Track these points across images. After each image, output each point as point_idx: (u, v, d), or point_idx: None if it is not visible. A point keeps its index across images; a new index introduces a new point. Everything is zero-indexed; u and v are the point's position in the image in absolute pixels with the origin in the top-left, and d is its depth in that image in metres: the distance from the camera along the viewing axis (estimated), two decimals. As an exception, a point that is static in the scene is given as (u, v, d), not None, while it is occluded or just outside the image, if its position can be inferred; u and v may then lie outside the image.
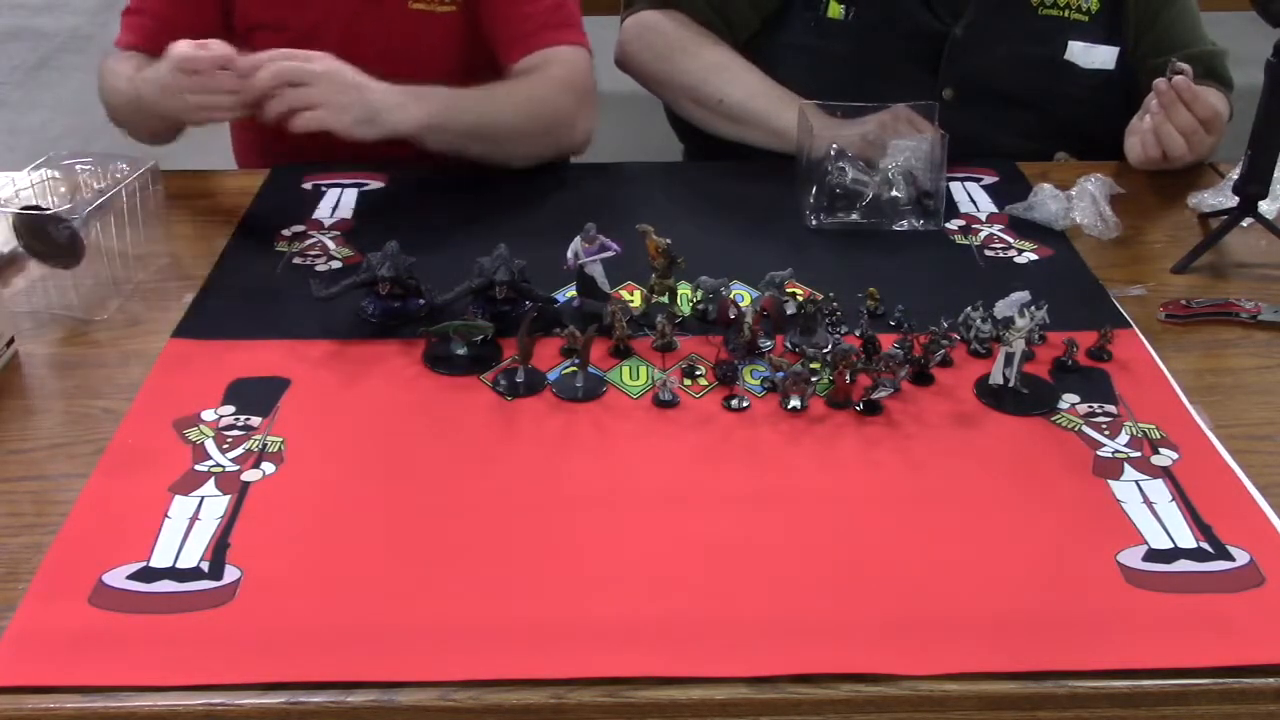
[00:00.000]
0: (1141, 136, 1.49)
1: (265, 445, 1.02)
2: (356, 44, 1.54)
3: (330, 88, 1.33)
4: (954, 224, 1.43)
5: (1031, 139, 1.65)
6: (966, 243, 1.39)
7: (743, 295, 1.24)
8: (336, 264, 1.33)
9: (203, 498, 0.96)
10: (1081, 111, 1.65)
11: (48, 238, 1.20)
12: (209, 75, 1.31)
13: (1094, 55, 1.62)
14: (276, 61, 1.32)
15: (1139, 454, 1.02)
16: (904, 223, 1.42)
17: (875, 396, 1.07)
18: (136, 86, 1.42)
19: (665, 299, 1.21)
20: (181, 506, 0.95)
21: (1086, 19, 1.61)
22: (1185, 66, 1.42)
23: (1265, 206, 1.36)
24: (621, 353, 1.15)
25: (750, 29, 1.67)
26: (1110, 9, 1.61)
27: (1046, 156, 1.65)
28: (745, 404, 1.08)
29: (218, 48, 1.32)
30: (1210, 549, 0.91)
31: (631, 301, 1.23)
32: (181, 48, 1.32)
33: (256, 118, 1.35)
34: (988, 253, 1.37)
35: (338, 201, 1.49)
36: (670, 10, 1.68)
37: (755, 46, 1.67)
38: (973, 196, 1.52)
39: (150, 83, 1.38)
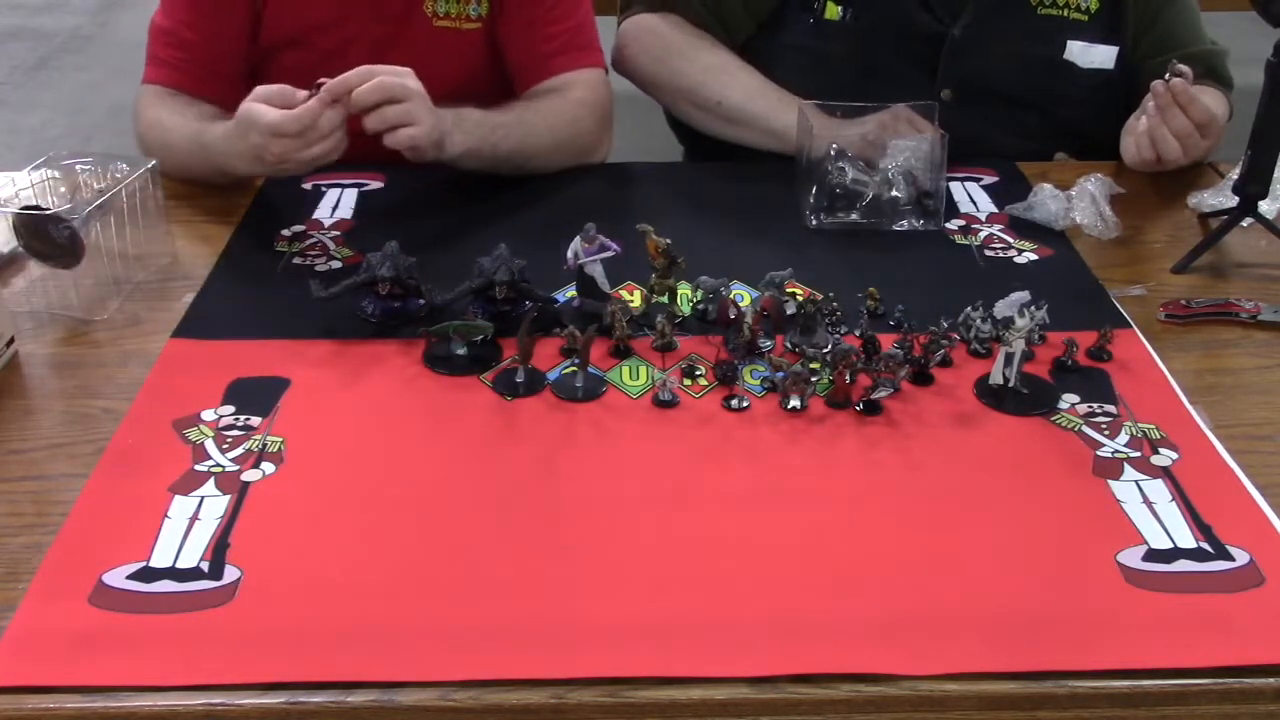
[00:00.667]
0: (1136, 138, 1.49)
1: (265, 445, 1.02)
2: (382, 61, 1.54)
3: (423, 105, 1.32)
4: (954, 224, 1.44)
5: (1031, 139, 1.65)
6: (966, 243, 1.39)
7: (743, 295, 1.24)
8: (336, 264, 1.33)
9: (203, 498, 0.96)
10: (1081, 112, 1.65)
11: (48, 238, 1.20)
12: (311, 126, 1.27)
13: (1093, 55, 1.62)
14: (377, 76, 1.29)
15: (1139, 454, 1.02)
16: (904, 223, 1.42)
17: (875, 396, 1.07)
18: (208, 149, 1.39)
19: (665, 299, 1.21)
20: (181, 506, 0.95)
21: (1086, 18, 1.61)
22: (1185, 69, 1.42)
23: (1265, 206, 1.37)
24: (621, 353, 1.15)
25: (746, 31, 1.67)
26: (1110, 9, 1.61)
27: (1046, 156, 1.65)
28: (745, 404, 1.08)
29: (298, 97, 1.28)
30: (1210, 549, 0.91)
31: (631, 301, 1.23)
32: (268, 116, 1.27)
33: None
34: (988, 253, 1.37)
35: (338, 201, 1.49)
36: (666, 13, 1.68)
37: (753, 48, 1.67)
38: (973, 196, 1.52)
39: (232, 151, 1.34)
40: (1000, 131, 1.64)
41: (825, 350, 1.13)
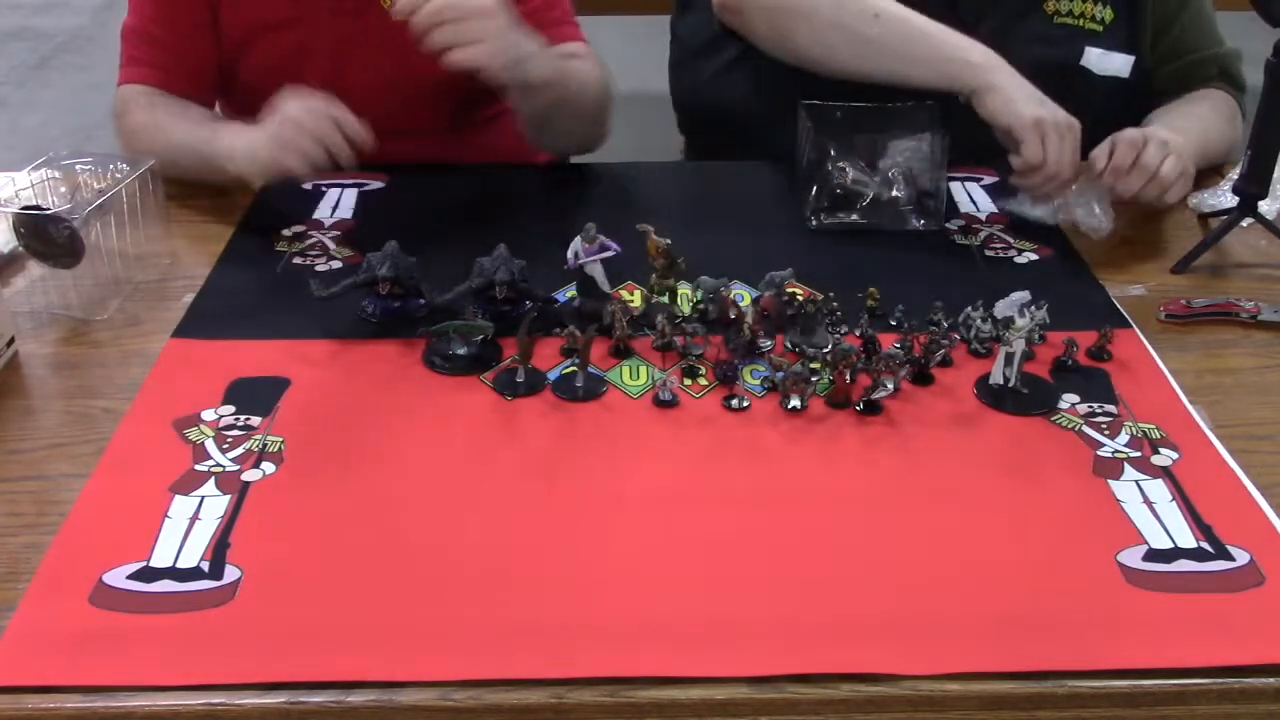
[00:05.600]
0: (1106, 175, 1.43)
1: (265, 445, 1.02)
2: (345, 60, 1.54)
3: (490, 24, 1.29)
4: (954, 224, 1.44)
5: None
6: (966, 243, 1.39)
7: (743, 295, 1.24)
8: (336, 264, 1.33)
9: (203, 497, 0.96)
10: (1096, 119, 1.65)
11: (48, 238, 1.20)
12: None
13: (1109, 63, 1.61)
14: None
15: (1139, 454, 1.02)
16: (904, 223, 1.42)
17: (875, 396, 1.07)
18: (204, 153, 1.40)
19: (665, 299, 1.21)
20: (181, 506, 0.95)
21: (1100, 29, 1.61)
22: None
23: (1265, 206, 1.36)
24: (621, 353, 1.15)
25: None
26: (1126, 20, 1.61)
27: None
28: (745, 404, 1.08)
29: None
30: (1210, 549, 0.92)
31: (631, 301, 1.23)
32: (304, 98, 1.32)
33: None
34: (988, 253, 1.37)
35: (338, 201, 1.49)
36: None
37: None
38: (973, 196, 1.52)
39: (243, 141, 1.35)
40: None
41: (825, 350, 1.13)
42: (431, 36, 1.29)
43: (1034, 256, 1.36)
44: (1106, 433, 1.05)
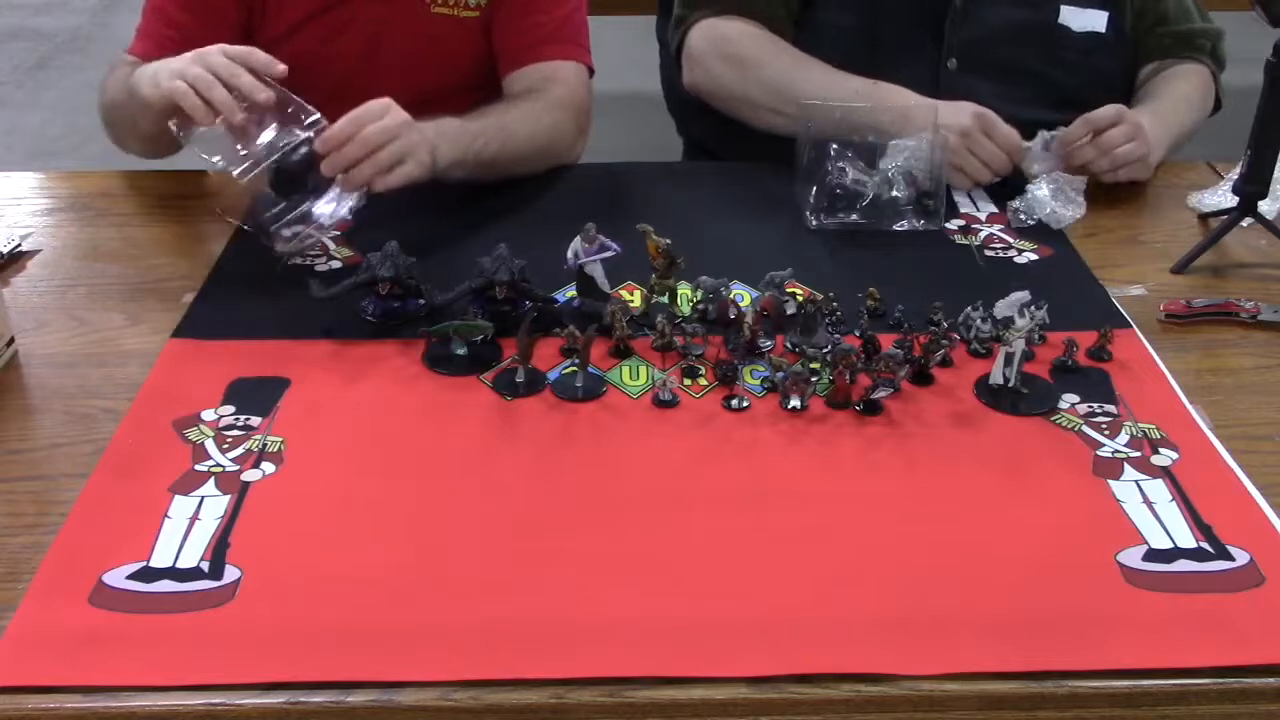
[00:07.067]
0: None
1: (265, 445, 1.02)
2: (379, 48, 1.54)
3: (413, 133, 1.29)
4: (954, 224, 1.44)
5: (1034, 106, 1.65)
6: (966, 243, 1.39)
7: (743, 295, 1.24)
8: (336, 264, 1.33)
9: (203, 498, 0.96)
10: (1078, 78, 1.67)
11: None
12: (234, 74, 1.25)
13: (1085, 18, 1.65)
14: (363, 129, 1.26)
15: (1139, 454, 1.02)
16: (904, 223, 1.42)
17: (875, 396, 1.07)
18: (131, 84, 1.35)
19: (665, 299, 1.21)
20: (181, 506, 0.95)
21: None
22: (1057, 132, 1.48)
23: (1265, 206, 1.36)
24: (621, 353, 1.15)
25: (794, 13, 1.65)
26: None
27: (1049, 126, 1.65)
28: (745, 404, 1.08)
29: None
30: (1210, 549, 0.92)
31: (631, 301, 1.23)
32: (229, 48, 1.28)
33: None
34: (988, 253, 1.37)
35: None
36: (731, 16, 1.64)
37: None
38: (973, 196, 1.52)
39: (156, 70, 1.29)
40: (1004, 101, 1.63)
41: (825, 350, 1.13)
42: (366, 165, 1.27)
43: (1034, 256, 1.36)
44: (1106, 433, 1.05)
